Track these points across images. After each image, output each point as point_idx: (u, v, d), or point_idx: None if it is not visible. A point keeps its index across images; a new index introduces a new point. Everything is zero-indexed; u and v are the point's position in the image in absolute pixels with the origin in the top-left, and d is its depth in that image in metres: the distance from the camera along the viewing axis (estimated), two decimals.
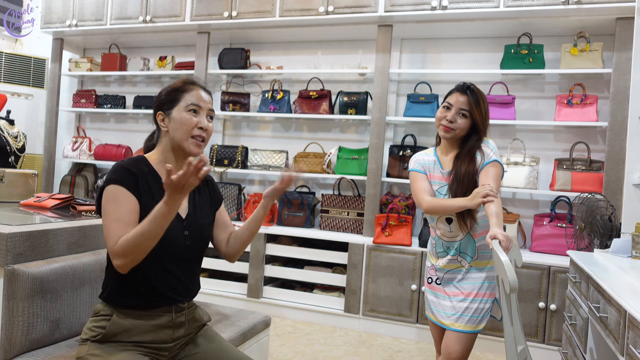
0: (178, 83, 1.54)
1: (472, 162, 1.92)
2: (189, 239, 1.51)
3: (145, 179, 1.46)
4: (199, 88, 1.53)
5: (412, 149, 3.64)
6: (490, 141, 1.98)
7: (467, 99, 1.93)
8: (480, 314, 1.93)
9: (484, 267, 1.96)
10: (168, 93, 1.52)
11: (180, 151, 1.51)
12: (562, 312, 2.95)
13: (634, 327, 1.38)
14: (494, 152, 1.94)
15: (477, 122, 1.93)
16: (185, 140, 1.48)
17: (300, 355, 2.93)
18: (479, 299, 1.93)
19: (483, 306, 1.94)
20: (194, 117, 1.49)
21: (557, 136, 3.52)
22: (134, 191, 1.41)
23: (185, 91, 1.51)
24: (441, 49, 3.79)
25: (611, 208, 2.80)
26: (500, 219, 1.72)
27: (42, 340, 1.62)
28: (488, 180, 1.85)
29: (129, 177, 1.42)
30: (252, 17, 3.76)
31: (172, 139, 1.50)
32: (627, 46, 3.01)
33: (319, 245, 3.67)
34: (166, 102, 1.51)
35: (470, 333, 1.93)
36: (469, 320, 1.92)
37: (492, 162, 1.90)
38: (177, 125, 1.48)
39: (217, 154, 4.11)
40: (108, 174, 1.45)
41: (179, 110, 1.49)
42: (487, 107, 1.98)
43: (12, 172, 3.02)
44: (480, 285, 1.95)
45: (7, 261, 1.59)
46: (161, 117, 1.51)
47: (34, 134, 4.70)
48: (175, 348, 1.51)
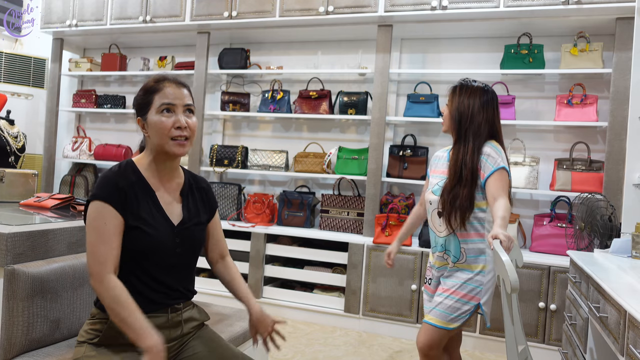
0: (149, 83, 1.46)
1: (467, 158, 1.95)
2: (180, 247, 1.48)
3: (133, 188, 1.42)
4: (170, 84, 1.44)
5: (412, 149, 3.64)
6: (496, 145, 1.98)
7: (450, 92, 2.06)
8: (454, 313, 1.92)
9: (472, 271, 1.95)
10: (141, 96, 1.45)
11: (165, 155, 1.46)
12: (562, 312, 2.95)
13: (634, 327, 1.38)
14: (502, 157, 1.93)
15: (451, 113, 2.01)
16: (166, 144, 1.42)
17: (300, 355, 2.92)
18: (455, 297, 1.93)
19: (459, 306, 1.92)
20: (168, 118, 1.41)
21: (557, 136, 3.52)
22: (120, 208, 1.37)
23: (156, 91, 1.43)
24: (441, 49, 3.79)
25: (611, 208, 2.80)
26: (505, 221, 1.73)
27: (42, 340, 1.62)
28: (499, 192, 1.85)
29: (114, 194, 1.38)
30: (252, 17, 3.76)
31: (154, 144, 1.45)
32: (627, 46, 3.01)
33: (319, 245, 3.67)
34: (142, 107, 1.45)
35: (437, 327, 1.93)
36: (440, 315, 1.93)
37: (502, 169, 1.90)
38: (153, 131, 1.42)
39: (217, 154, 4.11)
40: (95, 186, 1.41)
41: (152, 114, 1.43)
42: (468, 101, 1.99)
43: (12, 172, 3.02)
44: (461, 284, 1.94)
45: (7, 261, 1.59)
46: (141, 123, 1.46)
47: (34, 134, 4.71)
48: (174, 348, 1.50)
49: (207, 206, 1.61)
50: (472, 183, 1.93)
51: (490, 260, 1.95)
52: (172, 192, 1.52)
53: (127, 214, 1.39)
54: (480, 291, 1.94)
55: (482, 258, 1.96)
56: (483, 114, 1.99)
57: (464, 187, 1.92)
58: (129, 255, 1.40)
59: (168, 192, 1.50)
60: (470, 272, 1.95)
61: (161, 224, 1.44)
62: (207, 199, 1.62)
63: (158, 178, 1.49)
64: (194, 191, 1.58)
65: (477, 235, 1.96)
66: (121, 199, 1.38)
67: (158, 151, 1.46)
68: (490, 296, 1.97)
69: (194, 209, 1.55)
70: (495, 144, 1.99)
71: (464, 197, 1.91)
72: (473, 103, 1.99)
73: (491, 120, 2.01)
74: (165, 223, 1.45)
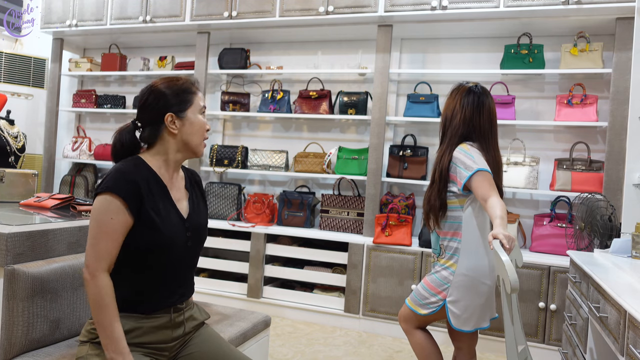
0: (185, 84, 1.50)
1: (440, 160, 2.01)
2: (191, 240, 1.50)
3: (148, 182, 1.43)
4: (199, 89, 1.54)
5: (412, 149, 3.64)
6: (465, 148, 1.95)
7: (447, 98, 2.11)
8: (419, 298, 2.03)
9: (443, 265, 2.00)
10: (178, 94, 1.47)
11: (187, 153, 1.51)
12: (562, 312, 2.95)
13: (634, 327, 1.38)
14: (474, 159, 1.91)
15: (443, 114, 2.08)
16: (200, 144, 1.50)
17: (300, 355, 2.93)
18: (425, 285, 2.03)
19: (426, 295, 2.01)
20: (204, 120, 1.52)
21: (557, 136, 3.52)
22: (132, 206, 1.36)
23: (195, 93, 1.50)
24: (441, 49, 3.79)
25: (611, 208, 2.80)
26: (504, 220, 1.74)
27: (42, 340, 1.62)
28: (486, 192, 1.85)
29: (128, 189, 1.37)
30: (252, 17, 3.76)
31: (182, 142, 1.48)
32: (627, 46, 3.01)
33: (319, 245, 3.67)
34: (176, 104, 1.46)
35: (408, 308, 2.07)
36: (412, 298, 2.07)
37: (477, 172, 1.88)
38: (193, 129, 1.48)
39: (217, 154, 4.11)
40: (108, 177, 1.38)
41: (193, 113, 1.48)
42: (450, 102, 2.04)
43: (12, 172, 3.02)
44: (432, 274, 2.03)
45: (7, 261, 1.59)
46: (171, 118, 1.46)
47: (34, 134, 4.70)
48: (175, 347, 1.51)
49: (204, 201, 1.66)
50: (440, 183, 1.98)
51: (463, 264, 1.94)
52: (180, 187, 1.56)
53: (139, 211, 1.38)
54: (447, 288, 1.96)
55: (453, 256, 1.97)
56: (460, 115, 2.00)
57: (434, 188, 2.00)
58: (140, 255, 1.40)
59: (177, 188, 1.54)
60: (440, 266, 2.02)
61: (175, 219, 1.47)
62: (202, 194, 1.66)
63: (169, 175, 1.51)
64: (193, 184, 1.63)
65: (453, 234, 1.99)
66: (135, 195, 1.37)
67: (184, 150, 1.49)
68: (462, 299, 1.94)
69: (197, 203, 1.59)
70: (464, 147, 1.96)
71: (433, 197, 2.00)
72: (453, 104, 2.04)
73: (468, 121, 1.99)
74: (178, 218, 1.48)
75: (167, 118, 1.46)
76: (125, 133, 1.51)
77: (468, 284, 1.94)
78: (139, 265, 1.42)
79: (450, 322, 1.96)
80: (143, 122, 1.50)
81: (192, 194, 1.58)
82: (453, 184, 1.97)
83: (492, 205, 1.81)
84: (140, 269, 1.42)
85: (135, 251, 1.40)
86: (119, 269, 1.40)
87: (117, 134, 1.52)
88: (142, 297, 1.43)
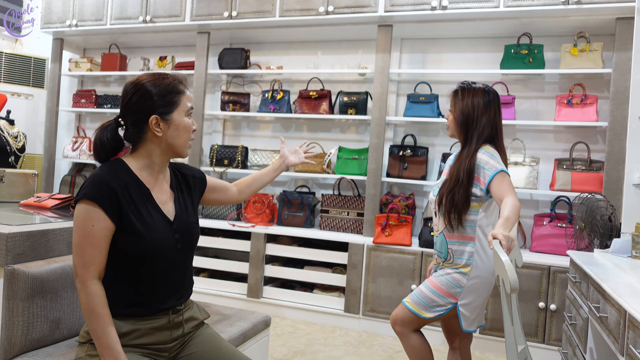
0: (173, 82, 1.43)
1: (466, 161, 1.97)
2: (180, 242, 1.47)
3: (127, 187, 1.38)
4: (187, 88, 1.47)
5: (412, 149, 3.64)
6: (489, 150, 1.97)
7: (452, 96, 2.07)
8: (425, 301, 1.98)
9: (455, 268, 1.98)
10: (163, 95, 1.40)
11: (171, 155, 1.46)
12: (562, 312, 2.95)
13: (634, 327, 1.38)
14: (497, 161, 1.93)
15: (456, 117, 2.02)
16: (185, 146, 1.45)
17: (300, 355, 2.92)
18: (433, 289, 1.98)
19: (434, 298, 1.97)
20: (191, 121, 1.46)
21: (557, 136, 3.52)
22: (110, 212, 1.34)
23: (182, 93, 1.43)
24: (441, 49, 3.79)
25: (611, 208, 2.80)
26: (509, 222, 1.71)
27: (42, 340, 1.62)
28: (505, 192, 1.84)
29: (105, 195, 1.33)
30: (252, 17, 3.76)
31: (167, 144, 1.43)
32: (627, 46, 3.01)
33: (319, 245, 3.67)
34: (162, 105, 1.40)
35: (408, 310, 2.00)
36: (414, 300, 2.01)
37: (500, 172, 1.90)
38: (179, 132, 1.42)
39: (217, 154, 4.11)
40: (86, 184, 1.36)
41: (179, 115, 1.43)
42: (472, 102, 2.00)
43: (12, 172, 3.02)
44: (440, 277, 1.99)
45: (7, 261, 1.59)
46: (155, 121, 1.40)
47: (34, 134, 4.71)
48: (175, 348, 1.50)
49: (192, 191, 1.59)
50: (468, 184, 1.95)
51: (478, 267, 1.95)
52: (165, 189, 1.51)
53: (120, 217, 1.35)
54: (459, 291, 1.95)
55: (468, 261, 1.96)
56: (487, 115, 2.00)
57: (460, 188, 1.95)
58: (130, 261, 1.38)
59: (161, 189, 1.49)
60: (452, 269, 1.98)
61: (161, 223, 1.43)
62: (187, 184, 1.59)
63: (153, 177, 1.47)
64: (179, 181, 1.57)
65: (465, 238, 1.97)
66: (112, 201, 1.34)
67: (168, 151, 1.45)
68: (474, 301, 1.96)
69: (183, 203, 1.54)
70: (488, 149, 1.98)
71: (460, 197, 1.95)
72: (477, 103, 2.00)
73: (493, 121, 2.01)
74: (164, 221, 1.45)
75: (151, 120, 1.39)
76: (106, 131, 1.43)
77: (480, 286, 1.96)
78: (130, 271, 1.40)
79: (462, 324, 1.96)
80: (126, 121, 1.43)
81: (177, 194, 1.53)
82: (475, 186, 1.95)
83: (503, 204, 1.79)
84: (133, 275, 1.40)
85: (124, 257, 1.38)
86: (113, 275, 1.39)
87: (98, 132, 1.44)
88: (138, 302, 1.41)
